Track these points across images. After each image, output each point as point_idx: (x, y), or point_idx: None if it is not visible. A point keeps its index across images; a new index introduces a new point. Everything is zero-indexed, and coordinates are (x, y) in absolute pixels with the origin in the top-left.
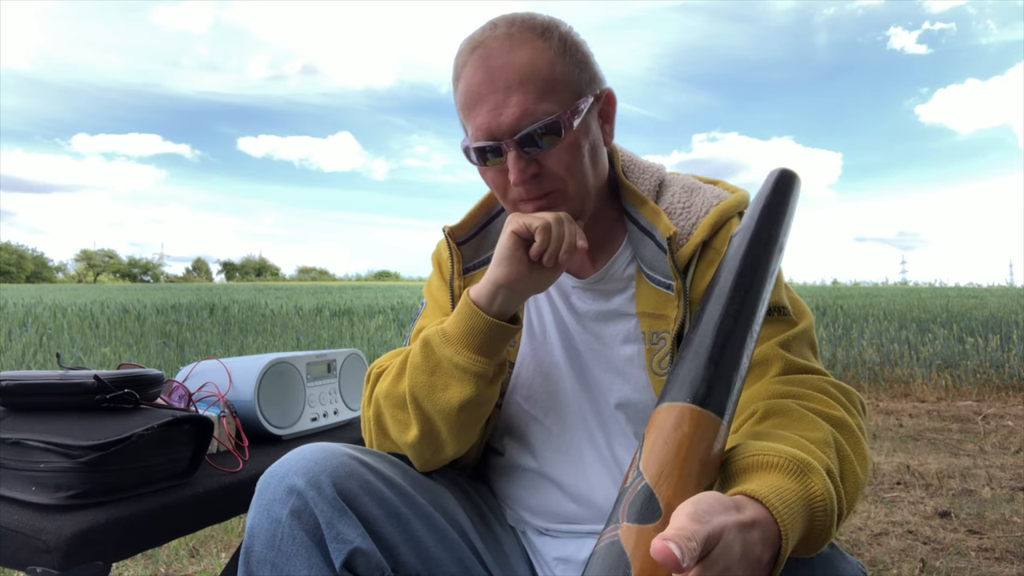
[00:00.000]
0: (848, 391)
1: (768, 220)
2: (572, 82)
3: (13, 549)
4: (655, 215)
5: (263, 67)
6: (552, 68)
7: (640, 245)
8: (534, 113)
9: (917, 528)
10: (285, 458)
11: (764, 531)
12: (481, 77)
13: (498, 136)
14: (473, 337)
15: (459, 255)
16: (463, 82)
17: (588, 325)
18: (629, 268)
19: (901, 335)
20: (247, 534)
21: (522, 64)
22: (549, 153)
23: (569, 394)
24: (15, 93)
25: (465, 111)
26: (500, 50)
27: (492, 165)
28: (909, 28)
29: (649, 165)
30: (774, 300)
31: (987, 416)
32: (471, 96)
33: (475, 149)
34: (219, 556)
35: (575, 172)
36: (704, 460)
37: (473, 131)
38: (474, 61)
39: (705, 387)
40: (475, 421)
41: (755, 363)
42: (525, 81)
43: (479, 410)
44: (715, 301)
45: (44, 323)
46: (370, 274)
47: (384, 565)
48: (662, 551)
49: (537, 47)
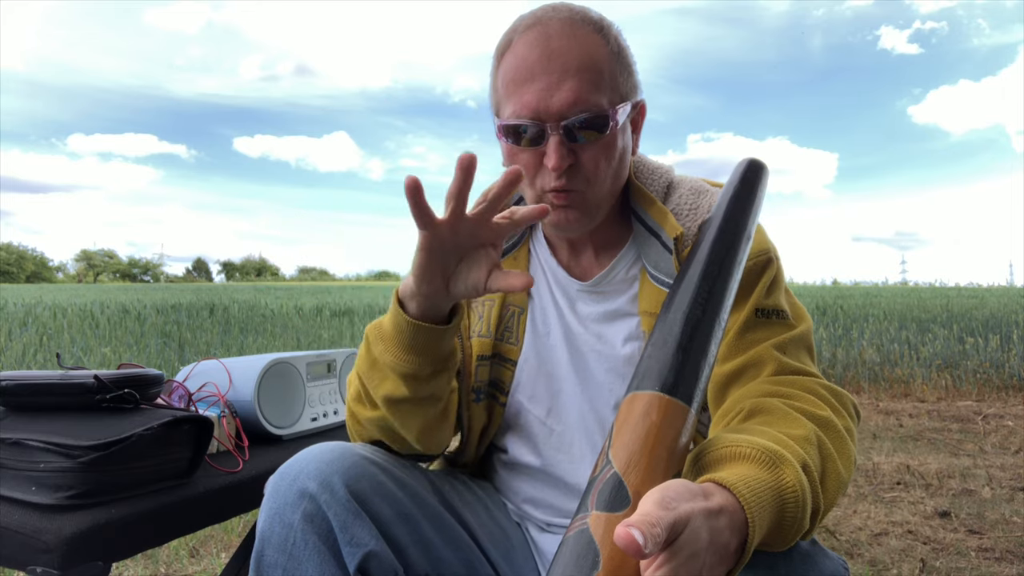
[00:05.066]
0: (840, 394)
1: (736, 210)
2: (620, 84)
3: (13, 549)
4: (662, 216)
5: (255, 68)
6: (608, 64)
7: (645, 245)
8: (586, 102)
9: (917, 528)
10: (295, 459)
11: (731, 518)
12: (538, 55)
13: (544, 118)
14: (402, 337)
15: None
16: (514, 56)
17: (590, 326)
18: (633, 268)
19: (901, 335)
20: (258, 538)
21: (582, 52)
22: (586, 148)
23: (571, 394)
24: (11, 94)
25: (510, 87)
26: (561, 33)
27: (527, 147)
28: (900, 27)
29: (659, 166)
30: (772, 303)
31: (987, 416)
32: (522, 72)
33: (512, 127)
34: (219, 556)
35: (602, 173)
36: (672, 448)
37: (516, 108)
38: (531, 38)
39: (673, 376)
40: (423, 416)
41: (749, 364)
42: (583, 69)
43: (423, 407)
44: (683, 290)
45: (44, 323)
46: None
47: (397, 566)
48: (625, 537)
49: (596, 41)
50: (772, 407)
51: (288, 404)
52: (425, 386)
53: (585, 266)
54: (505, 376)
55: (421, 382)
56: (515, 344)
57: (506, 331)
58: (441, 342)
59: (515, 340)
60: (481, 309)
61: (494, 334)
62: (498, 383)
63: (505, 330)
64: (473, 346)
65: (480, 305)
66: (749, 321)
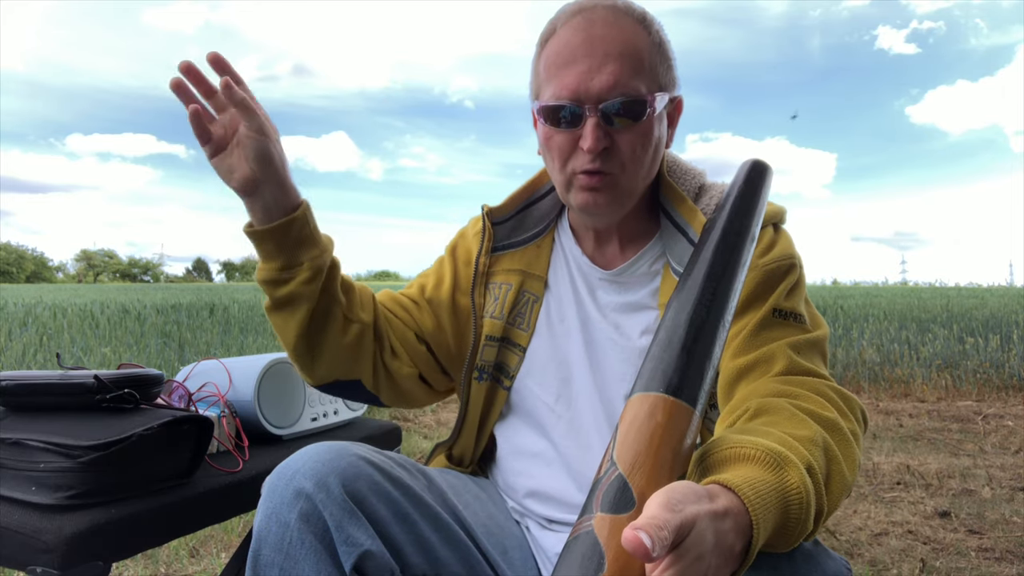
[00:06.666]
0: (848, 397)
1: (741, 211)
2: (659, 75)
3: (13, 549)
4: (692, 214)
5: (253, 68)
6: (648, 54)
7: (672, 241)
8: (625, 87)
9: (917, 528)
10: (292, 459)
11: (736, 520)
12: (581, 39)
13: (583, 100)
14: (258, 250)
15: (491, 233)
16: (558, 40)
17: (609, 315)
18: (657, 263)
19: (901, 335)
20: (255, 537)
21: (624, 39)
22: (622, 132)
23: (581, 382)
24: (11, 95)
25: (552, 69)
26: (605, 20)
27: (564, 129)
28: (897, 27)
29: (691, 168)
30: (790, 306)
31: (987, 416)
32: (564, 55)
33: (551, 108)
34: (219, 556)
35: (637, 160)
36: (677, 450)
37: (556, 90)
38: (576, 23)
39: (678, 377)
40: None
41: (761, 359)
42: (624, 55)
43: (288, 311)
44: (688, 291)
45: (44, 323)
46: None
47: (393, 566)
48: (632, 540)
49: (638, 30)
50: (778, 407)
51: (288, 404)
52: (283, 288)
53: (609, 257)
54: (511, 360)
55: (278, 285)
56: (526, 330)
57: (518, 316)
58: (285, 239)
59: (526, 326)
60: (497, 291)
61: (506, 317)
62: (503, 366)
63: (517, 315)
64: (484, 325)
65: (497, 288)
66: (766, 320)
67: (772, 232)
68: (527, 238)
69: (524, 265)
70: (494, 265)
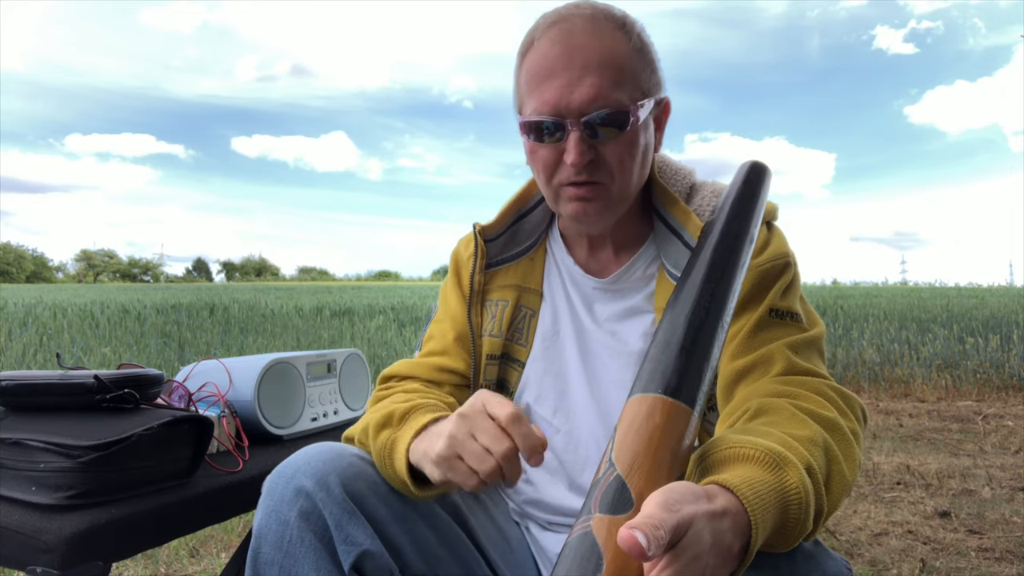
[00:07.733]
0: (848, 397)
1: (739, 213)
2: (642, 80)
3: (13, 549)
4: (685, 215)
5: (252, 68)
6: (629, 61)
7: (666, 243)
8: (606, 99)
9: (917, 528)
10: (293, 458)
11: (735, 520)
12: (559, 51)
13: (564, 114)
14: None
15: (484, 251)
16: (536, 54)
17: (605, 324)
18: (651, 267)
19: (901, 335)
20: (255, 535)
21: (603, 49)
22: (607, 143)
23: (578, 393)
24: (10, 95)
25: (532, 83)
26: (583, 30)
27: (548, 143)
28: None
29: (681, 168)
30: (786, 306)
31: (987, 416)
32: (543, 69)
33: (533, 124)
34: (219, 556)
35: (625, 169)
36: (675, 451)
37: (537, 105)
38: (553, 34)
39: (677, 378)
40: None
41: (759, 361)
42: (603, 65)
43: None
44: (686, 292)
45: (44, 323)
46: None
47: (392, 566)
48: (628, 539)
49: (618, 37)
50: (778, 407)
51: (288, 404)
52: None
53: (604, 263)
54: (512, 376)
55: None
56: (524, 345)
57: (516, 332)
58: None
59: (524, 341)
60: (495, 309)
61: (504, 334)
62: (504, 383)
63: (515, 331)
64: (484, 345)
65: (494, 305)
66: (763, 320)
67: (765, 231)
68: (520, 251)
69: (519, 279)
70: (489, 282)
